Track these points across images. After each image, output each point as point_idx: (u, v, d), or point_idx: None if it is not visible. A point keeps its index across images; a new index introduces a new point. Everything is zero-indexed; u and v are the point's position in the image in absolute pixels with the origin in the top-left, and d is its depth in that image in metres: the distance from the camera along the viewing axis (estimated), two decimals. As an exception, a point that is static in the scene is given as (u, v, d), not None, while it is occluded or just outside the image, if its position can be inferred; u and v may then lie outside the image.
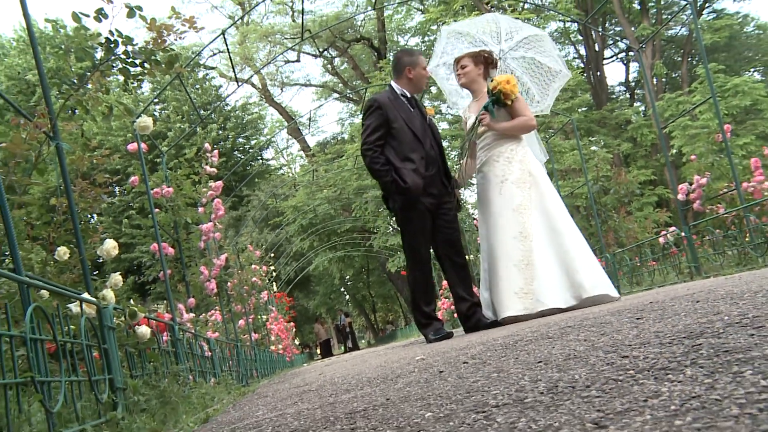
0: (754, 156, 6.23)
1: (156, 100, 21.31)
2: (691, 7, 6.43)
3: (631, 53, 23.36)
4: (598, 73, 21.87)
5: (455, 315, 7.86)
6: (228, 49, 7.63)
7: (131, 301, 2.66)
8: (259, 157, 27.32)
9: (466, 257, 4.50)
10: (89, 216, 3.50)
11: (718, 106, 5.64)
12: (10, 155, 2.56)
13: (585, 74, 21.15)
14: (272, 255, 16.27)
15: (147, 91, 22.13)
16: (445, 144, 14.54)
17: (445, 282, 5.07)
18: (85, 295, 2.13)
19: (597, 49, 22.19)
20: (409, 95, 4.32)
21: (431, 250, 4.36)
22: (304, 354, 24.99)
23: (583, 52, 23.02)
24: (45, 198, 2.88)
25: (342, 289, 33.62)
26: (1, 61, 22.87)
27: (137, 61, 3.27)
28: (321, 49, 25.85)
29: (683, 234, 5.73)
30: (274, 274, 13.96)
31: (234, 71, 7.38)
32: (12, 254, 1.75)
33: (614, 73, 39.62)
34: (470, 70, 4.38)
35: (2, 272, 1.60)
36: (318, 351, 28.07)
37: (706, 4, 21.41)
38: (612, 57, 25.01)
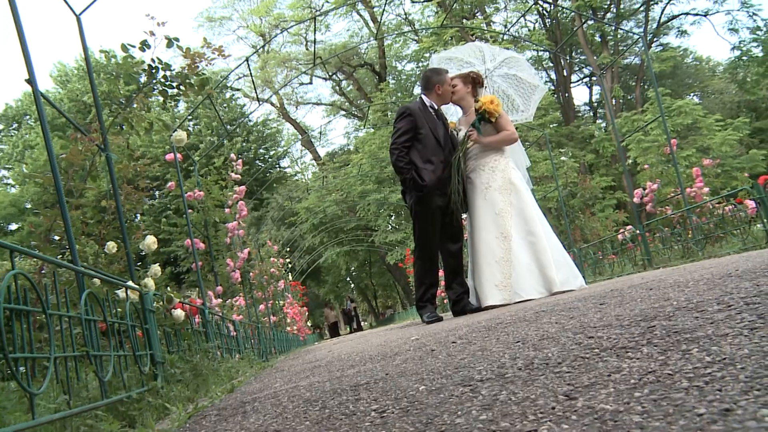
0: (695, 166, 6.23)
1: (190, 117, 21.30)
2: (642, 40, 6.49)
3: (593, 78, 23.39)
4: (566, 95, 21.89)
5: (445, 301, 7.85)
6: (251, 73, 7.62)
7: (168, 288, 2.66)
8: (277, 166, 27.35)
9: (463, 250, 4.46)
10: (133, 215, 3.51)
11: (666, 123, 5.66)
12: (69, 164, 2.57)
13: (555, 95, 21.17)
14: (288, 249, 16.25)
15: (182, 110, 22.10)
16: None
17: (441, 271, 5.03)
18: (130, 283, 2.13)
19: (565, 74, 22.22)
20: (436, 107, 4.25)
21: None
22: (315, 334, 24.91)
23: (553, 76, 23.02)
24: (97, 200, 2.88)
25: (348, 279, 33.54)
26: (65, 86, 23.06)
27: (174, 84, 3.28)
28: (330, 73, 25.86)
29: (638, 231, 5.73)
30: (290, 265, 13.94)
31: (256, 92, 7.36)
32: (70, 248, 1.75)
33: (580, 95, 39.68)
34: (460, 88, 4.32)
35: (62, 263, 1.60)
36: (327, 332, 27.99)
37: (655, 39, 21.51)
38: (578, 81, 25.07)
